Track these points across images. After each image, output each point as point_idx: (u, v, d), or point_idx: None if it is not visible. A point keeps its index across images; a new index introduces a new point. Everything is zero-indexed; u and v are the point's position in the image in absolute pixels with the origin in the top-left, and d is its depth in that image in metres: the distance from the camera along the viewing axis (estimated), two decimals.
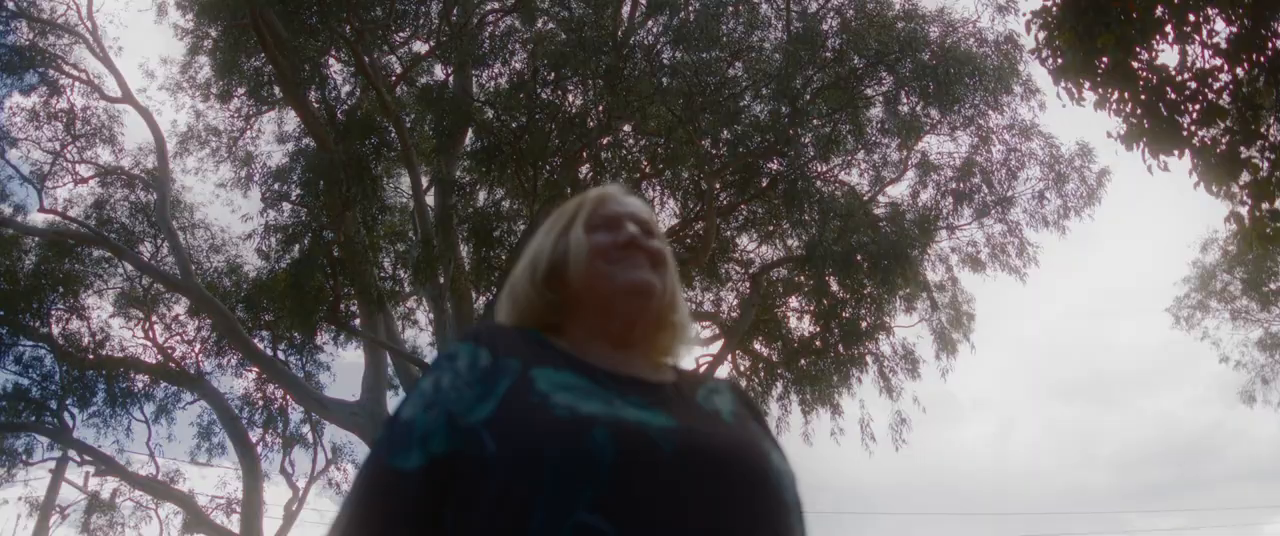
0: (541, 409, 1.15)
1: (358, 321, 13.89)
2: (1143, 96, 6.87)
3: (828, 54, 12.21)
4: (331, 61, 13.64)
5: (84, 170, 15.89)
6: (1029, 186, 13.81)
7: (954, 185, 13.77)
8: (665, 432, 1.15)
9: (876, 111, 13.05)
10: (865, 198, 13.97)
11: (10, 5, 14.88)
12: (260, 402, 16.28)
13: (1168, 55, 6.97)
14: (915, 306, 14.78)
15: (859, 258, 12.25)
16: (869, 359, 14.26)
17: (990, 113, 13.03)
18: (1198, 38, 6.90)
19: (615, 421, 1.13)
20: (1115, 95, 6.73)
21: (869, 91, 12.64)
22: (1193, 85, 6.89)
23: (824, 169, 13.44)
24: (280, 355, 15.68)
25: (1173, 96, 6.88)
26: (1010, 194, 13.70)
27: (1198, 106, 6.90)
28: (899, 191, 14.36)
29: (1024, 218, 13.93)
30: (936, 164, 13.87)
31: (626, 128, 13.18)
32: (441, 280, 12.27)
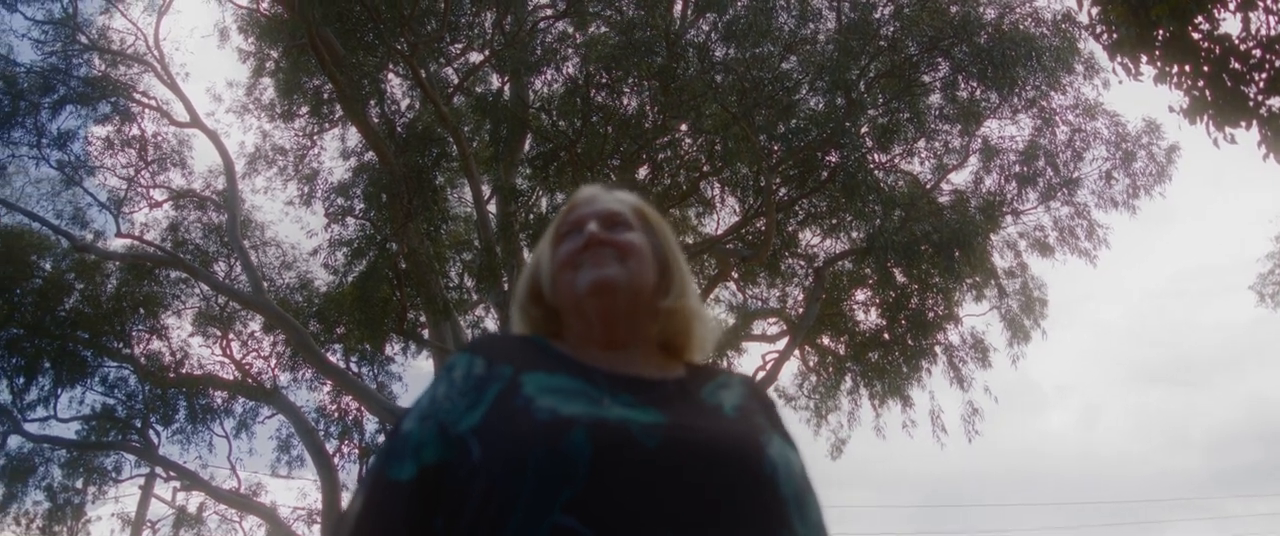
0: (524, 413, 1.16)
1: (426, 331, 14.09)
2: (1205, 68, 6.68)
3: (882, 42, 12.07)
4: (390, 76, 13.87)
5: (158, 194, 16.34)
6: (1095, 167, 13.53)
7: (1017, 169, 13.52)
8: (649, 430, 1.14)
9: (935, 98, 12.88)
10: (928, 186, 13.80)
11: (83, 39, 15.40)
12: (335, 414, 16.58)
13: (1230, 23, 6.75)
14: (985, 294, 14.57)
15: (924, 247, 12.10)
16: (938, 349, 14.08)
17: (1052, 93, 12.77)
18: (1262, 4, 6.69)
19: (596, 421, 1.13)
20: (1175, 68, 6.56)
21: (926, 78, 12.47)
22: (1258, 53, 6.68)
23: (884, 159, 13.30)
24: (352, 367, 15.96)
25: (1237, 66, 6.68)
26: (1076, 175, 13.42)
27: (1264, 75, 6.68)
28: (962, 178, 14.17)
29: (1092, 199, 13.66)
30: (999, 148, 13.63)
31: (683, 127, 13.18)
32: (505, 287, 12.39)
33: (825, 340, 15.26)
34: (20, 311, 15.50)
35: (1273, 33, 6.63)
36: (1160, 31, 6.48)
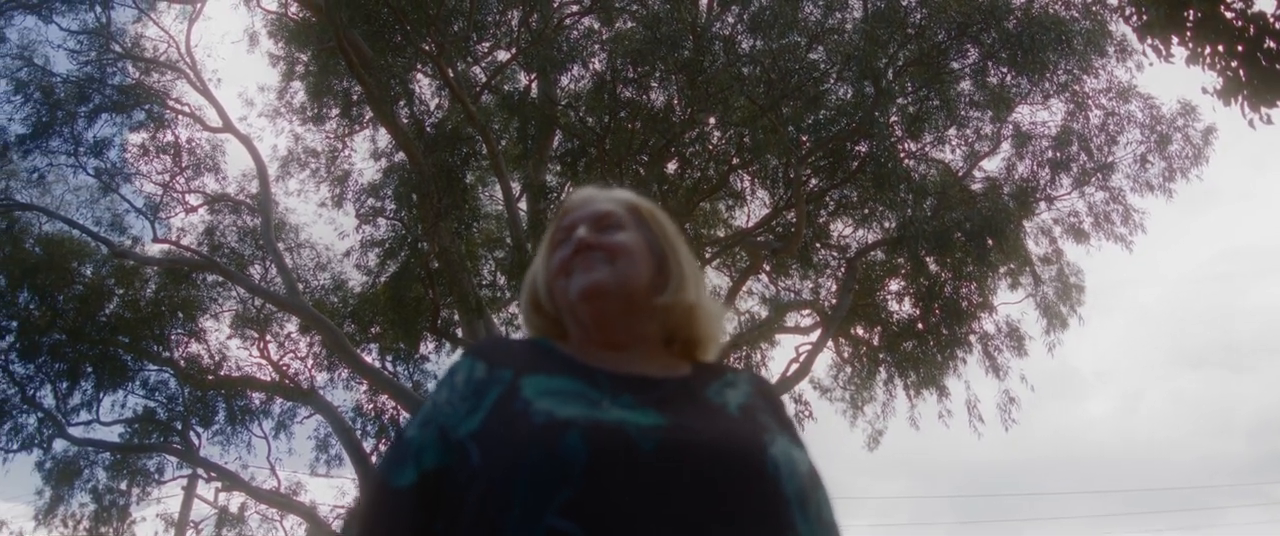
0: (522, 416, 1.16)
1: (460, 330, 14.16)
2: (1239, 47, 6.57)
3: (909, 30, 11.97)
4: (418, 77, 13.95)
5: (193, 199, 16.54)
6: (1130, 151, 13.36)
7: (1051, 154, 13.36)
8: (647, 431, 1.13)
9: (965, 85, 12.75)
10: (960, 174, 13.68)
11: (117, 48, 15.60)
12: (372, 413, 16.71)
13: (1264, 1, 6.62)
14: (1020, 282, 14.44)
15: (957, 236, 12.00)
16: (973, 338, 13.97)
17: (1084, 77, 12.61)
18: None
19: (593, 424, 1.12)
20: (1207, 49, 6.45)
21: (955, 65, 12.34)
22: None
23: (915, 147, 13.20)
24: (388, 366, 16.08)
25: (1272, 45, 6.56)
26: (1110, 160, 13.25)
27: None
28: (994, 165, 14.03)
29: (1127, 183, 13.49)
30: (1031, 134, 13.48)
31: (711, 120, 13.15)
32: None
33: (859, 331, 15.17)
34: (62, 317, 15.74)
35: None
36: (1191, 12, 6.38)
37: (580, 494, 1.05)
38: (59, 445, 16.53)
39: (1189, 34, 6.50)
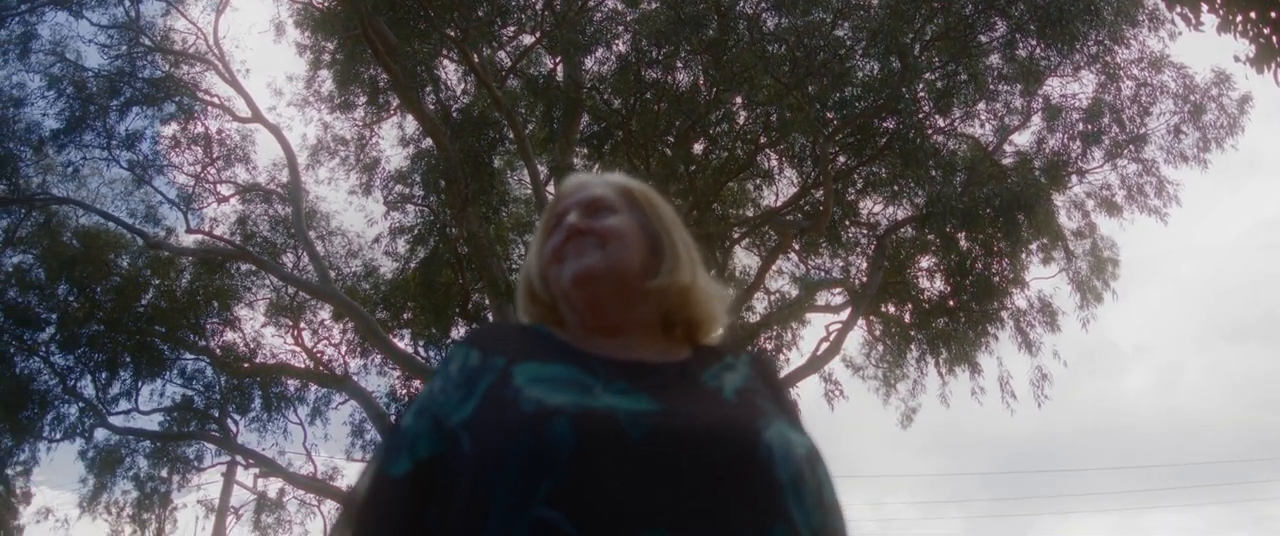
0: (511, 404, 1.15)
1: (490, 314, 14.23)
2: (1272, 14, 6.45)
3: (935, 4, 11.84)
4: (444, 62, 13.97)
5: (225, 189, 16.68)
6: (1163, 122, 13.17)
7: (1082, 127, 13.20)
8: (637, 417, 1.12)
9: (994, 59, 12.61)
10: (990, 149, 13.55)
11: (146, 41, 15.75)
12: (406, 398, 16.83)
13: None
14: (1053, 257, 14.30)
15: (986, 211, 11.89)
16: (1005, 314, 13.85)
17: (1115, 48, 12.44)
18: None
19: (581, 411, 1.11)
20: (1239, 16, 6.34)
21: (983, 38, 12.21)
22: None
23: (944, 123, 13.08)
24: (420, 351, 16.19)
25: None
26: (1143, 131, 13.07)
27: None
28: (1025, 139, 13.88)
29: (1160, 155, 13.31)
30: (1062, 107, 13.31)
31: (737, 100, 13.09)
32: None
33: (890, 308, 15.09)
34: (100, 309, 15.97)
35: None
36: None
37: (567, 482, 1.04)
38: (100, 434, 16.83)
39: (1219, 2, 6.39)
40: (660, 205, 1.48)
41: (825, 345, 13.70)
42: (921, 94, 12.16)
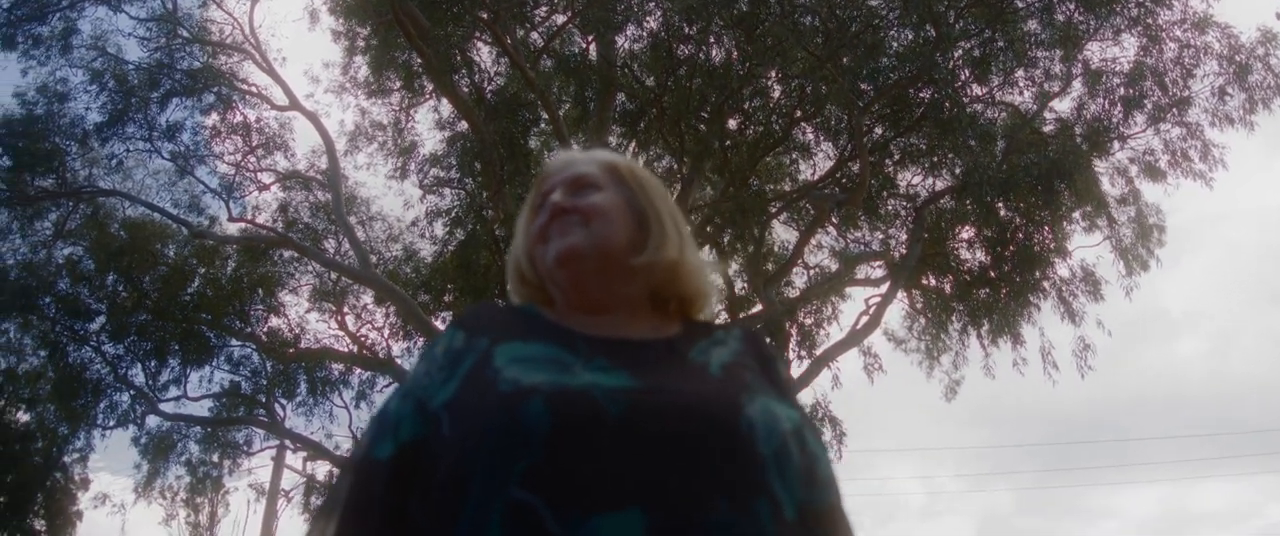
0: (490, 385, 1.14)
1: None
2: None
3: None
4: (478, 45, 14.00)
5: (265, 178, 16.88)
6: (1207, 84, 12.83)
7: (1123, 92, 12.93)
8: (614, 394, 1.11)
9: (1032, 24, 12.39)
10: (1030, 116, 13.34)
11: (184, 33, 15.94)
12: None
13: None
14: (1096, 225, 14.06)
15: (1029, 179, 11.71)
16: (1047, 284, 13.67)
17: (1157, 9, 12.18)
18: None
19: (557, 390, 1.10)
20: None
21: (1019, 3, 12.01)
22: None
23: (982, 91, 12.90)
24: None
25: None
26: (1187, 94, 12.77)
27: None
28: (1065, 106, 13.63)
29: (1205, 118, 12.98)
30: (1102, 71, 13.05)
31: (771, 74, 13.00)
32: None
33: (930, 280, 14.94)
34: (148, 298, 16.27)
35: None
36: None
37: (541, 462, 1.03)
38: (152, 421, 17.20)
39: None
40: (647, 180, 1.46)
41: (865, 319, 13.62)
42: (958, 62, 11.99)
